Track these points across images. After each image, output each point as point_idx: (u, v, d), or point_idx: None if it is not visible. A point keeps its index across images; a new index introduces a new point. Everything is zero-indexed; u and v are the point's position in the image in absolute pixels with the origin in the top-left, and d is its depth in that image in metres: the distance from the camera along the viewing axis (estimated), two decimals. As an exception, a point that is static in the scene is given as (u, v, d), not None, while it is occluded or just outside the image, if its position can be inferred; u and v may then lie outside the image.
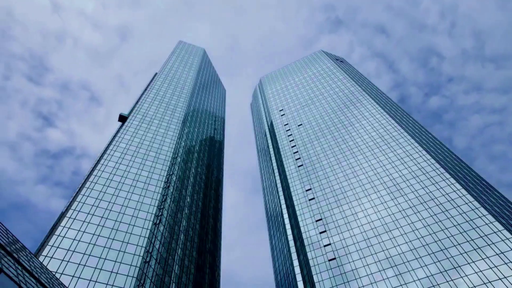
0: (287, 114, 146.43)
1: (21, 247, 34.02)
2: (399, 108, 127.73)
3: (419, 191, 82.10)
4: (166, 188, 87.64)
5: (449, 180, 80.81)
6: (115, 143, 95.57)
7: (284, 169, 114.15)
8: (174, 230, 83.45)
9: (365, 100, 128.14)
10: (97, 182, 79.70)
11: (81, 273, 58.44)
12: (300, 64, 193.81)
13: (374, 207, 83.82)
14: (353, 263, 73.70)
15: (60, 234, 63.99)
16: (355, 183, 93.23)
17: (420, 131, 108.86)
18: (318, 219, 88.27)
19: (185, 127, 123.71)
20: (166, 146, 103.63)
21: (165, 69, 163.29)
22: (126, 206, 76.46)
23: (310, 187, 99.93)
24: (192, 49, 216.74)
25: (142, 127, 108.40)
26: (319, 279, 73.54)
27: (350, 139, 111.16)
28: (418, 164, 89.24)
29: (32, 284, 27.26)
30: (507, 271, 58.77)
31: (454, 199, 75.96)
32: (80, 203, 72.47)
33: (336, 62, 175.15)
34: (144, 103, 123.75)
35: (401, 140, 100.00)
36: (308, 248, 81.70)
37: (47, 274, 35.94)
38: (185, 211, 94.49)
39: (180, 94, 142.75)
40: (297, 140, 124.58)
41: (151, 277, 65.36)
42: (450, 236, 69.03)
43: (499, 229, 65.81)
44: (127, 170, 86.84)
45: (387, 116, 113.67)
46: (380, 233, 76.79)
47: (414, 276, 65.56)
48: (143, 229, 72.38)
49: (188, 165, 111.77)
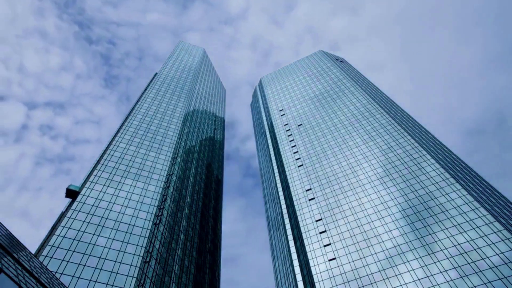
0: (287, 114, 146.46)
1: (21, 247, 34.01)
2: (399, 108, 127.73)
3: (419, 191, 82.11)
4: (166, 188, 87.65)
5: (449, 180, 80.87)
6: (115, 143, 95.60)
7: (284, 169, 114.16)
8: (174, 230, 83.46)
9: (365, 100, 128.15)
10: (97, 182, 79.73)
11: (81, 273, 58.46)
12: (300, 64, 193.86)
13: (374, 207, 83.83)
14: (353, 263, 73.70)
15: (60, 234, 64.02)
16: (355, 183, 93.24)
17: (420, 131, 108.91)
18: (318, 219, 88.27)
19: (185, 127, 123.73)
20: (166, 146, 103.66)
21: (165, 69, 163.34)
22: (126, 206, 76.48)
23: (310, 187, 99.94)
24: (192, 49, 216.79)
25: (142, 127, 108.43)
26: (319, 279, 73.55)
27: (350, 139, 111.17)
28: (419, 164, 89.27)
29: (32, 284, 27.25)
30: (507, 271, 58.81)
31: (454, 199, 76.01)
32: (80, 203, 72.48)
33: (336, 62, 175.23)
34: (144, 103, 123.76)
35: (401, 141, 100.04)
36: (308, 248, 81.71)
37: (47, 274, 35.94)
38: (185, 211, 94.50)
39: (180, 94, 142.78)
40: (297, 140, 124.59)
41: (151, 277, 65.37)
42: (450, 236, 69.06)
43: (499, 229, 65.86)
44: (127, 170, 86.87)
45: (387, 116, 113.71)
46: (380, 233, 76.80)
47: (414, 276, 65.59)
48: (143, 229, 72.39)
49: (188, 165, 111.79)
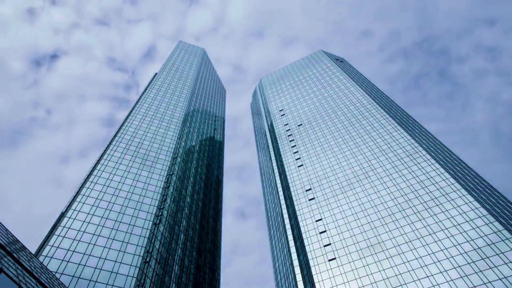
0: (287, 114, 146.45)
1: (21, 247, 34.00)
2: (399, 108, 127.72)
3: (419, 191, 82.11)
4: (166, 188, 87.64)
5: (449, 180, 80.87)
6: (115, 143, 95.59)
7: (284, 169, 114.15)
8: (174, 230, 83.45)
9: (365, 100, 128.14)
10: (97, 182, 79.72)
11: (81, 273, 58.45)
12: (300, 64, 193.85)
13: (374, 207, 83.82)
14: (353, 263, 73.69)
15: (60, 234, 64.02)
16: (355, 183, 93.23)
17: (420, 131, 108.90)
18: (318, 219, 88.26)
19: (185, 127, 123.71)
20: (166, 146, 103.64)
21: (165, 69, 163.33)
22: (126, 206, 76.47)
23: (310, 187, 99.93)
24: (192, 49, 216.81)
25: (142, 127, 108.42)
26: (319, 279, 73.54)
27: (350, 139, 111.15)
28: (418, 164, 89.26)
29: (32, 284, 27.24)
30: (507, 271, 58.80)
31: (454, 199, 76.00)
32: (80, 203, 72.48)
33: (336, 62, 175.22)
34: (144, 103, 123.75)
35: (401, 141, 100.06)
36: (308, 248, 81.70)
37: (47, 274, 35.92)
38: (185, 211, 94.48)
39: (180, 94, 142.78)
40: (297, 140, 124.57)
41: (151, 277, 65.36)
42: (450, 236, 69.06)
43: (499, 229, 65.85)
44: (127, 170, 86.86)
45: (387, 116, 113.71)
46: (380, 233, 76.79)
47: (414, 276, 65.57)
48: (143, 229, 72.39)
49: (188, 165, 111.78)
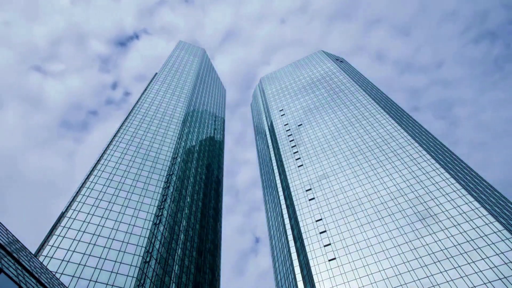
0: (287, 114, 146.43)
1: (21, 247, 34.00)
2: (399, 108, 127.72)
3: (419, 191, 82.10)
4: (166, 188, 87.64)
5: (449, 180, 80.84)
6: (115, 143, 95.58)
7: (284, 169, 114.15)
8: (174, 230, 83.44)
9: (365, 100, 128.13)
10: (97, 182, 79.72)
11: (81, 273, 58.45)
12: (300, 64, 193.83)
13: (374, 207, 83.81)
14: (353, 263, 73.69)
15: (60, 234, 64.02)
16: (355, 183, 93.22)
17: (420, 131, 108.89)
18: (318, 219, 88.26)
19: (185, 127, 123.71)
20: (166, 146, 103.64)
21: (165, 69, 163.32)
22: (126, 206, 76.48)
23: (310, 187, 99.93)
24: (192, 49, 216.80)
25: (142, 127, 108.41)
26: (319, 279, 73.53)
27: (350, 139, 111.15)
28: (419, 164, 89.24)
29: (32, 284, 27.24)
30: (507, 271, 58.79)
31: (454, 199, 76.00)
32: (80, 203, 72.48)
33: (336, 62, 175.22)
34: (144, 103, 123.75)
35: (401, 141, 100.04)
36: (308, 248, 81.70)
37: (47, 274, 35.92)
38: (185, 211, 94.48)
39: (180, 94, 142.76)
40: (297, 140, 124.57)
41: (151, 277, 65.36)
42: (450, 236, 69.05)
43: (499, 229, 65.85)
44: (127, 170, 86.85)
45: (387, 116, 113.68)
46: (381, 233, 76.79)
47: (414, 276, 65.56)
48: (143, 229, 72.39)
49: (188, 165, 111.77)
